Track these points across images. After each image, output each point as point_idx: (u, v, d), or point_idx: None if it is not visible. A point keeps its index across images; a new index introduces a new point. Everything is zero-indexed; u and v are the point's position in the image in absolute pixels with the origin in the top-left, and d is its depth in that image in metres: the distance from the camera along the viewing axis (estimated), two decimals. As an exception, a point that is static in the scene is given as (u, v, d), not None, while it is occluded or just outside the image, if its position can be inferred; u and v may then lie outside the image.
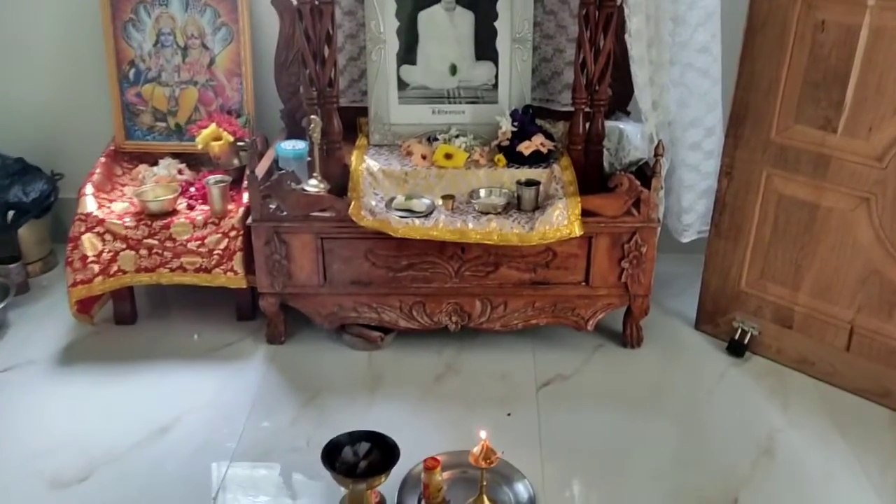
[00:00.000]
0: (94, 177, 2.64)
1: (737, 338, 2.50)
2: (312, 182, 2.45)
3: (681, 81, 2.41)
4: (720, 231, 2.47)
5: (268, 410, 2.29)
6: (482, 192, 2.46)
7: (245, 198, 2.51)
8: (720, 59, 2.39)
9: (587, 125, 2.45)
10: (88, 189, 2.56)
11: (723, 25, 2.37)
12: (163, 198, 2.53)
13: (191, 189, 2.62)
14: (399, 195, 2.45)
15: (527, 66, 2.58)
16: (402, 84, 2.60)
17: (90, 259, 2.47)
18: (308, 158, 2.50)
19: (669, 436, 2.21)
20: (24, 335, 2.62)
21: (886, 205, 2.15)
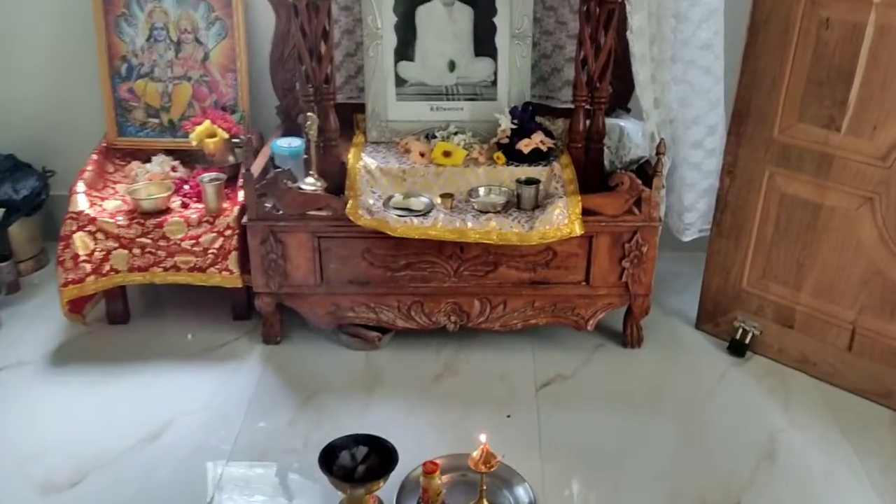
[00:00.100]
0: (86, 174, 2.60)
1: (738, 337, 2.48)
2: (309, 180, 2.41)
3: (683, 79, 2.38)
4: (722, 230, 2.45)
5: (264, 412, 2.26)
6: (481, 191, 2.43)
7: (240, 196, 2.47)
8: (723, 57, 2.36)
9: (588, 123, 2.42)
10: (80, 187, 2.52)
11: (726, 22, 2.34)
12: (156, 196, 2.49)
13: (185, 187, 2.58)
14: (397, 193, 2.42)
15: (526, 63, 2.54)
16: (400, 80, 2.57)
17: (82, 258, 2.43)
18: (304, 156, 2.46)
19: (670, 437, 2.19)
20: (16, 335, 2.58)
21: (890, 205, 2.13)
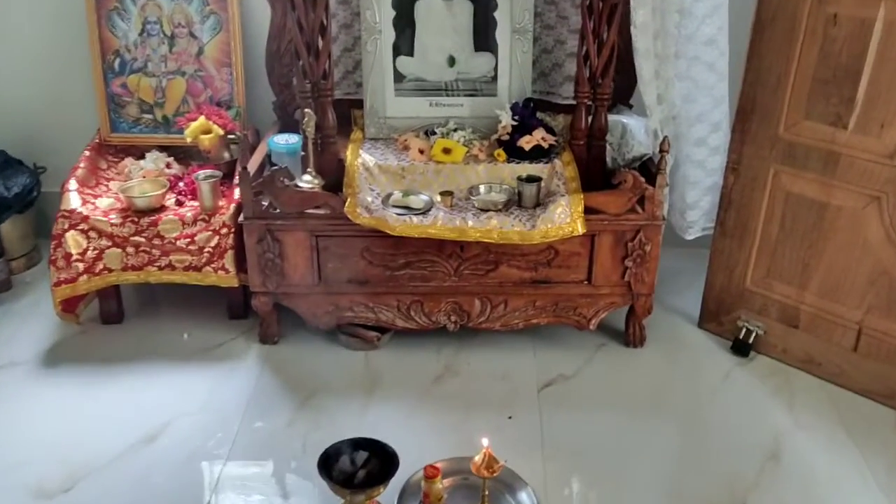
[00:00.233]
0: (78, 171, 2.55)
1: (741, 337, 2.45)
2: (306, 178, 2.37)
3: (687, 75, 2.34)
4: (725, 228, 2.42)
5: (262, 413, 2.22)
6: (482, 189, 2.39)
7: (236, 193, 2.42)
8: (727, 53, 2.32)
9: (589, 119, 2.38)
10: (72, 184, 2.47)
11: (731, 18, 2.31)
12: (150, 194, 2.44)
13: (179, 184, 2.54)
14: (396, 191, 2.38)
15: (527, 58, 2.50)
16: (399, 76, 2.53)
17: (74, 257, 2.38)
18: (301, 153, 2.42)
19: (674, 438, 2.17)
20: (7, 335, 2.54)
21: (898, 203, 2.10)
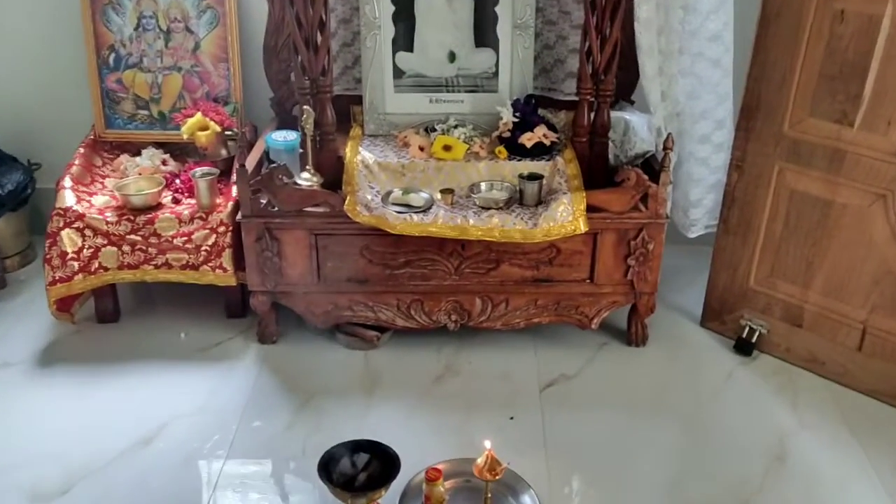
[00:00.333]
0: (73, 168, 2.51)
1: (744, 336, 2.43)
2: (305, 175, 2.34)
3: (691, 71, 2.31)
4: (729, 226, 2.40)
5: (261, 414, 2.20)
6: (483, 186, 2.36)
7: (234, 191, 2.39)
8: (732, 49, 2.29)
9: (592, 116, 2.35)
10: (67, 182, 2.43)
11: (736, 14, 2.28)
12: (146, 191, 2.41)
13: (176, 181, 2.50)
14: (396, 189, 2.35)
15: (528, 54, 2.47)
16: (398, 72, 2.49)
17: (70, 256, 2.35)
18: (300, 150, 2.39)
19: (677, 438, 2.15)
20: (1, 334, 2.50)
21: (903, 202, 2.08)
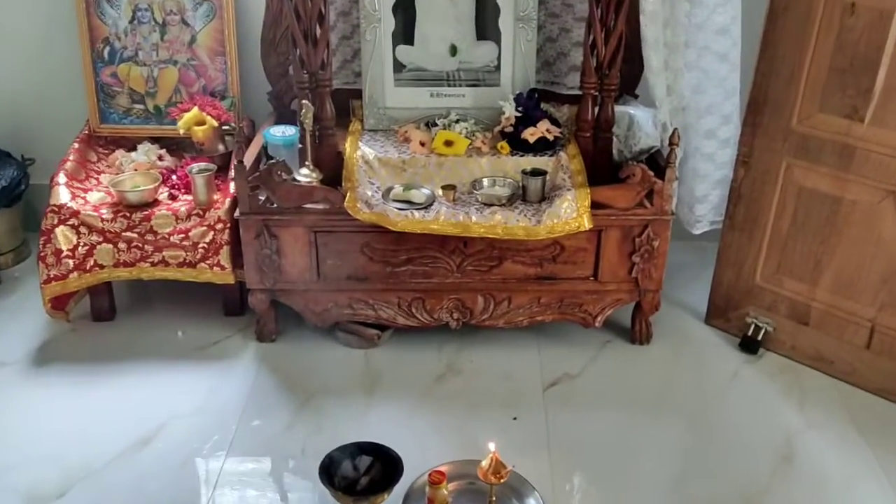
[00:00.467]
0: (68, 164, 2.46)
1: (750, 334, 2.40)
2: (304, 171, 2.30)
3: (697, 65, 2.27)
4: (735, 223, 2.36)
5: (260, 415, 2.16)
6: (485, 182, 2.32)
7: (231, 187, 2.35)
8: (740, 43, 2.25)
9: (596, 111, 2.31)
10: (61, 178, 2.39)
11: (743, 7, 2.23)
12: (142, 188, 2.37)
13: (172, 177, 2.46)
14: (397, 185, 2.31)
15: (531, 47, 2.43)
16: (399, 65, 2.45)
17: (64, 254, 2.31)
18: (299, 145, 2.34)
19: (683, 437, 2.12)
20: (-5, 333, 2.47)
21: (914, 199, 2.05)
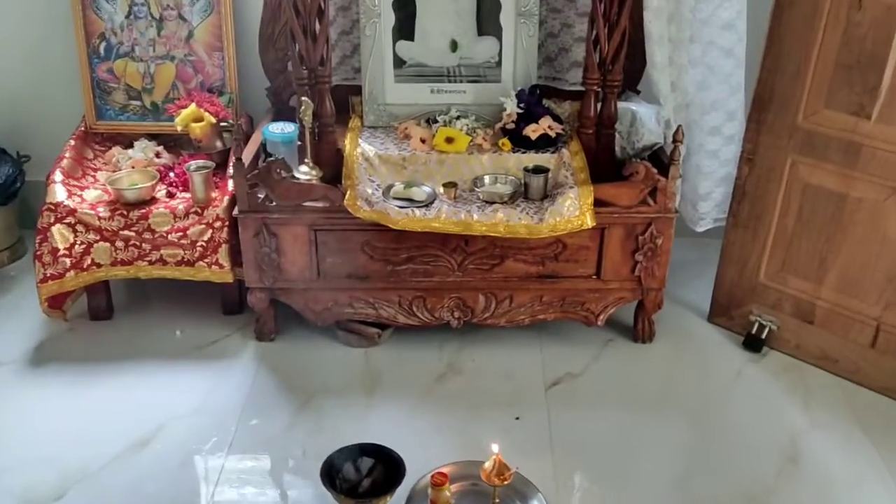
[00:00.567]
0: (64, 161, 2.43)
1: (754, 332, 2.38)
2: (303, 169, 2.27)
3: (701, 61, 2.24)
4: (738, 220, 2.34)
5: (260, 415, 2.14)
6: (486, 180, 2.30)
7: (230, 185, 2.32)
8: (745, 39, 2.22)
9: (598, 107, 2.28)
10: (57, 176, 2.36)
11: (749, 2, 2.21)
12: (140, 185, 2.34)
13: (170, 174, 2.43)
14: (397, 183, 2.29)
15: (533, 42, 2.40)
16: (399, 61, 2.42)
17: (61, 252, 2.28)
18: (298, 143, 2.31)
19: (687, 437, 2.10)
20: (-9, 332, 2.44)
21: (921, 196, 2.03)
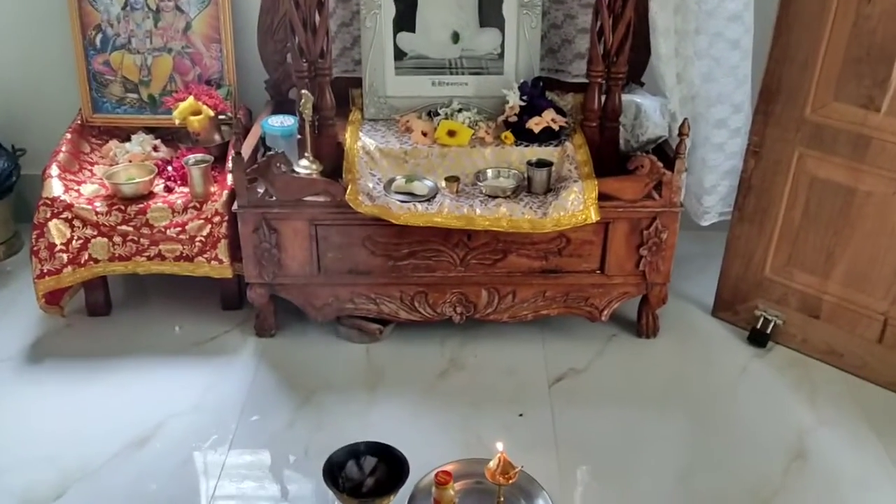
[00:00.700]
0: (60, 155, 2.40)
1: (759, 327, 2.35)
2: (303, 163, 2.24)
3: (707, 53, 2.21)
4: (744, 214, 2.31)
5: (260, 413, 2.12)
6: (489, 173, 2.27)
7: (229, 179, 2.29)
8: (752, 30, 2.19)
9: (602, 99, 2.25)
10: (54, 170, 2.32)
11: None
12: (137, 180, 2.30)
13: (168, 169, 2.39)
14: (398, 177, 2.25)
15: (535, 34, 2.36)
16: (400, 53, 2.38)
17: (58, 248, 2.25)
18: (298, 136, 2.28)
19: (692, 434, 2.08)
20: (-13, 329, 2.41)
21: (930, 190, 2.00)
